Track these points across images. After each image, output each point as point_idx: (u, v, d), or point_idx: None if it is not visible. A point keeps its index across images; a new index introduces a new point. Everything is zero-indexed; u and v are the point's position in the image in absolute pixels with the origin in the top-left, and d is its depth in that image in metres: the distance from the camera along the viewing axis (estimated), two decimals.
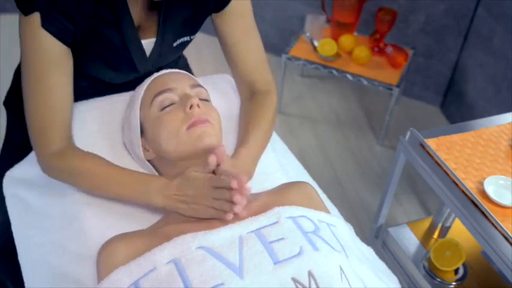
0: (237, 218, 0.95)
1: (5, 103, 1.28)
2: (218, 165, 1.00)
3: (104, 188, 1.02)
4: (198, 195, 0.95)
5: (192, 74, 1.34)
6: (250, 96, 1.18)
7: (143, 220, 1.05)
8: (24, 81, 1.00)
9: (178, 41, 1.13)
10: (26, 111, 1.02)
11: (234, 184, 0.92)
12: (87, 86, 1.17)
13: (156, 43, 1.09)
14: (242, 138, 1.10)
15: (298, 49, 2.59)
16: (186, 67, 1.38)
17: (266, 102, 1.15)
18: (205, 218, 0.96)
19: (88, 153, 1.05)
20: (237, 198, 0.91)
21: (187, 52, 1.35)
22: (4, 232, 1.27)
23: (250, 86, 1.18)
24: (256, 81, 1.17)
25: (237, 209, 0.92)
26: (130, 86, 1.17)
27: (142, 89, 1.08)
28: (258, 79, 1.17)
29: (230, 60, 1.18)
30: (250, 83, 1.17)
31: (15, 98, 1.16)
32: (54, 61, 0.98)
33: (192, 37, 1.14)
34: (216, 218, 0.95)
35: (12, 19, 1.02)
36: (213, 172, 1.00)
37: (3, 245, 1.35)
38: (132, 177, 1.01)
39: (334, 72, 2.51)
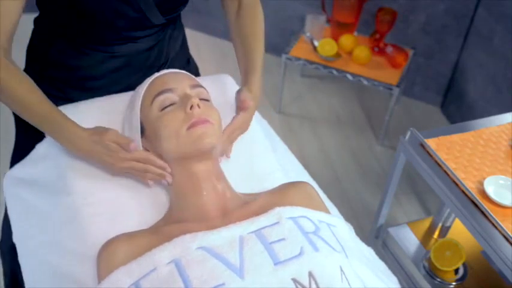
0: (237, 218, 0.95)
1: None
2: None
3: (22, 112, 1.01)
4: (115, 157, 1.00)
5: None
6: (237, 8, 1.22)
7: (144, 220, 1.05)
8: None
9: None
10: None
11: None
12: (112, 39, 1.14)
13: None
14: (248, 63, 1.15)
15: (298, 49, 2.59)
16: (196, 75, 1.37)
17: (256, 16, 1.22)
18: (203, 218, 0.97)
19: (20, 73, 1.01)
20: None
21: None
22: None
23: None
24: None
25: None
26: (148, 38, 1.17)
27: (142, 89, 1.07)
28: None
29: None
30: None
31: None
32: None
33: None
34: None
35: None
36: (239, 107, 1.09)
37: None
38: (51, 115, 1.00)
39: (334, 72, 2.51)
